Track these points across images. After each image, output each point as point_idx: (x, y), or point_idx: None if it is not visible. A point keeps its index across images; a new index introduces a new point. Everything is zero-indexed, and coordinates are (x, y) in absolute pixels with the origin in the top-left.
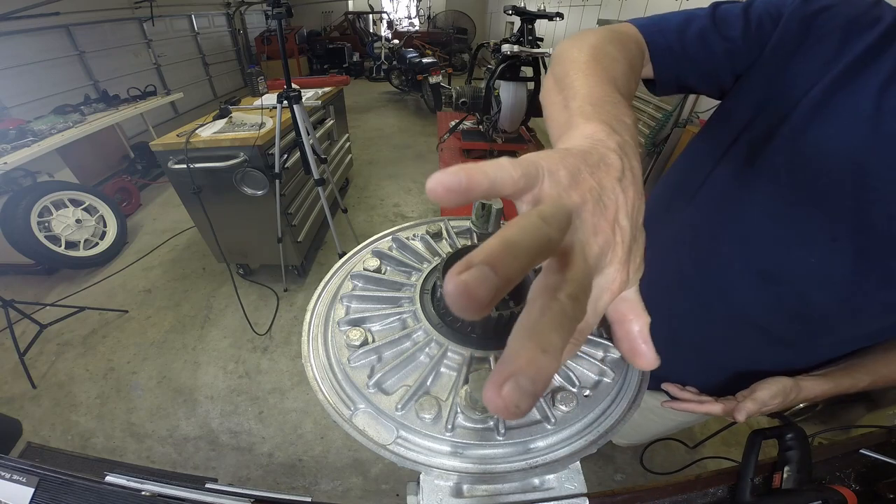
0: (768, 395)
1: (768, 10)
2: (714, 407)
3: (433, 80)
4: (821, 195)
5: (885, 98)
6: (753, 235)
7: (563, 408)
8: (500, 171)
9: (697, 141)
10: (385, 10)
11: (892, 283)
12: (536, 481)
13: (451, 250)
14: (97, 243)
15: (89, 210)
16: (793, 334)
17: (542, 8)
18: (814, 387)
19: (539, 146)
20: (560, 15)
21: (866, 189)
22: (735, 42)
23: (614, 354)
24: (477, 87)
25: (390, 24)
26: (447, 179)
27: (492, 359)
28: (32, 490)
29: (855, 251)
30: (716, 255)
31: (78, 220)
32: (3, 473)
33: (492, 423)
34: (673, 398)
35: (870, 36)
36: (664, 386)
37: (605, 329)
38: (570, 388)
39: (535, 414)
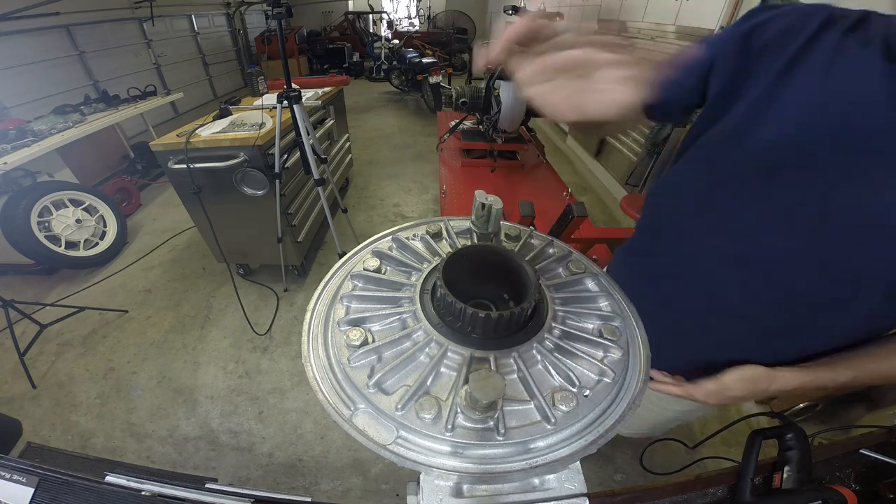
0: (734, 377)
1: (723, 39)
2: (696, 390)
3: (433, 80)
4: (777, 185)
5: (826, 84)
6: (726, 223)
7: (563, 408)
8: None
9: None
10: (385, 10)
11: (834, 275)
12: (536, 481)
13: (451, 250)
14: (97, 243)
15: (89, 210)
16: (780, 325)
17: (541, 8)
18: (791, 378)
19: (539, 146)
20: (560, 15)
21: (817, 177)
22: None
23: (614, 355)
24: (477, 87)
25: (390, 24)
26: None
27: (492, 359)
28: (32, 490)
29: (818, 240)
30: (693, 242)
31: (78, 220)
32: (3, 473)
33: (492, 423)
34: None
35: (803, 36)
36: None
37: (604, 330)
38: (570, 388)
39: (535, 414)
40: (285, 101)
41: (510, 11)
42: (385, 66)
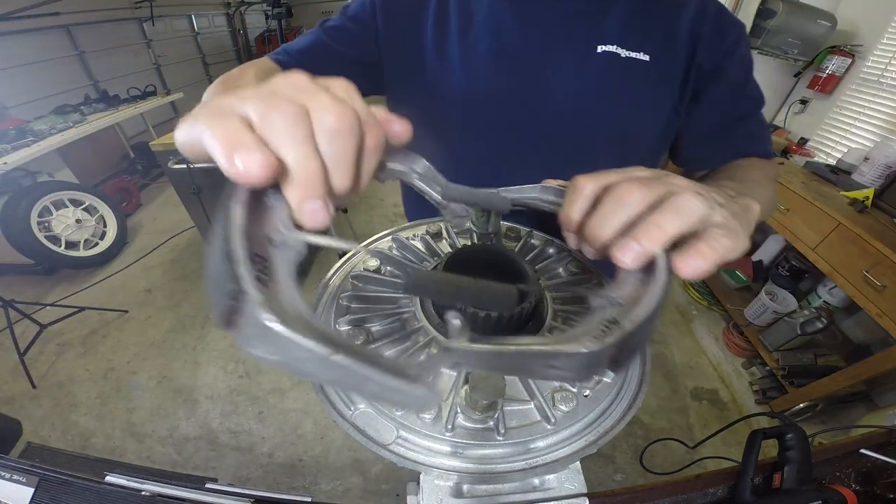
0: None
1: None
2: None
3: None
4: None
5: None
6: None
7: (563, 408)
8: None
9: None
10: None
11: None
12: (536, 481)
13: (451, 250)
14: (97, 243)
15: (89, 210)
16: None
17: None
18: None
19: None
20: None
21: None
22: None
23: None
24: None
25: None
26: None
27: None
28: (32, 490)
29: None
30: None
31: (78, 221)
32: (3, 473)
33: (492, 423)
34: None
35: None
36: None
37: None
38: (570, 388)
39: (535, 414)
40: None
41: None
42: None
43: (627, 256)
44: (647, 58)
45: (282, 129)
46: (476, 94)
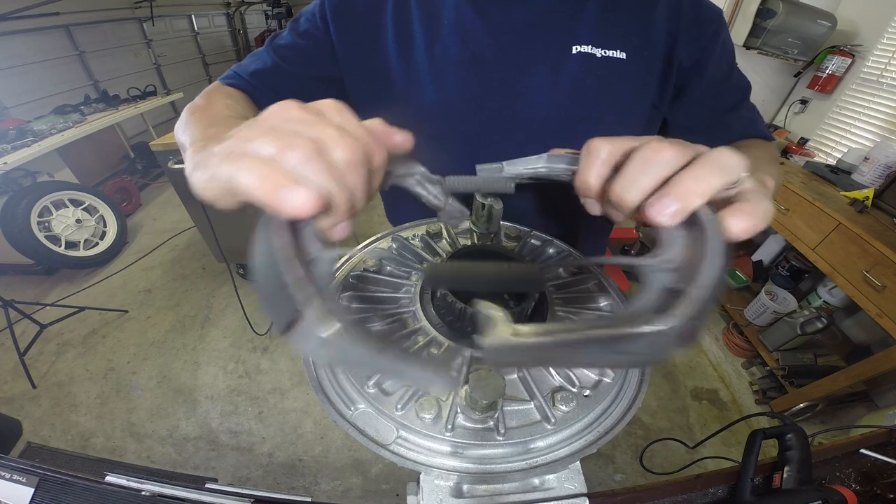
0: None
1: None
2: None
3: None
4: None
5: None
6: None
7: (563, 408)
8: None
9: None
10: None
11: None
12: (536, 481)
13: (451, 250)
14: (97, 243)
15: (89, 210)
16: None
17: None
18: None
19: None
20: None
21: None
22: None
23: None
24: None
25: None
26: None
27: None
28: (32, 490)
29: None
30: None
31: (78, 220)
32: (3, 473)
33: (492, 423)
34: None
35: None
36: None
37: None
38: (570, 388)
39: (535, 414)
40: None
41: None
42: None
43: (665, 214)
44: (623, 56)
45: (306, 166)
46: (449, 105)
